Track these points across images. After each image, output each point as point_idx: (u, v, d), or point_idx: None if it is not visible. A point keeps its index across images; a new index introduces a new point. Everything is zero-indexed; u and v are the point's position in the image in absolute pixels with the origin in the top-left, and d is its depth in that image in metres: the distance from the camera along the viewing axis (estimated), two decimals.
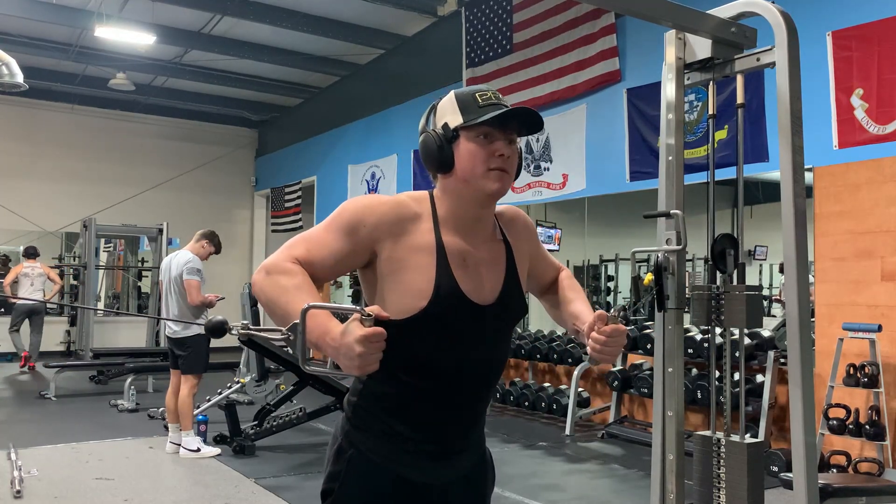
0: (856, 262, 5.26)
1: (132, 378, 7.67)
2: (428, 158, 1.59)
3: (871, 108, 5.20)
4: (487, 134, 1.54)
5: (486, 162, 1.54)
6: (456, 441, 1.63)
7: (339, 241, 1.52)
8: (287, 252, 1.49)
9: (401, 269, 1.52)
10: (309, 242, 1.52)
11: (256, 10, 9.20)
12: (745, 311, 2.45)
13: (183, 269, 5.55)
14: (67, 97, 12.57)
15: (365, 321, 1.25)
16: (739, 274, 2.56)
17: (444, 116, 1.58)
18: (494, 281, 1.62)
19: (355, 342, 1.25)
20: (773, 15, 2.35)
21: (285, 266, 1.46)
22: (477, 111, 1.54)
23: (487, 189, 1.55)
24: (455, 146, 1.55)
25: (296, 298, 1.37)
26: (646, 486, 3.12)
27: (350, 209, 1.54)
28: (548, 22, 7.81)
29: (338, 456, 1.62)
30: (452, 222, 1.58)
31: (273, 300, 1.42)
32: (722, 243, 2.58)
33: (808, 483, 2.28)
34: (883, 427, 4.85)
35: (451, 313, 1.53)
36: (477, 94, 1.57)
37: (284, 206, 13.17)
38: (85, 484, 4.83)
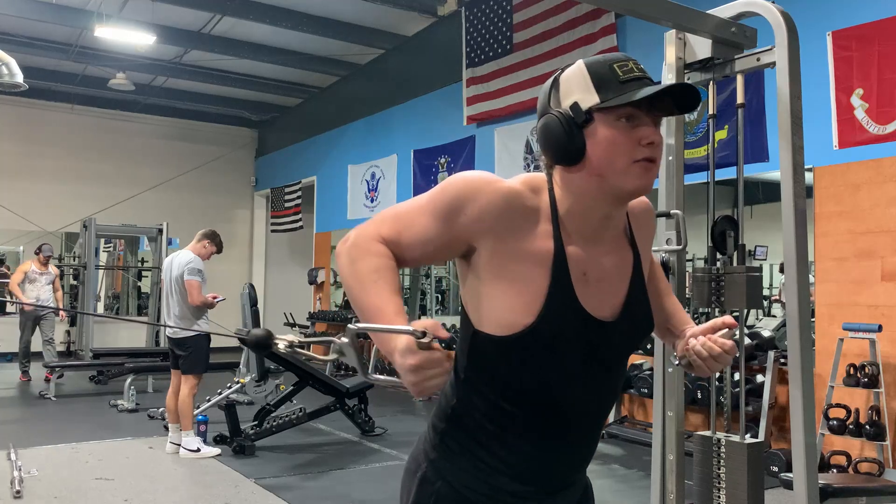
0: (856, 262, 5.26)
1: (132, 378, 7.67)
2: (551, 146, 1.27)
3: (871, 108, 5.20)
4: (631, 116, 1.23)
5: (631, 153, 1.23)
6: (563, 482, 1.40)
7: (433, 227, 1.25)
8: (375, 228, 1.27)
9: (506, 275, 1.25)
10: (399, 221, 1.27)
11: (256, 10, 9.20)
12: (745, 291, 2.45)
13: (184, 270, 5.54)
14: (67, 97, 12.56)
15: (420, 344, 1.10)
16: (739, 256, 2.56)
17: (573, 93, 1.27)
18: (617, 296, 1.34)
19: (407, 370, 1.09)
20: (774, 15, 2.35)
21: (370, 245, 1.24)
22: (618, 87, 1.23)
23: (629, 186, 1.25)
24: (588, 132, 1.24)
25: (369, 291, 1.19)
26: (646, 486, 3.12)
27: (453, 190, 1.26)
28: (548, 22, 7.81)
29: (423, 486, 1.37)
30: (575, 224, 1.29)
31: (348, 284, 1.24)
32: (722, 225, 2.59)
33: (808, 483, 2.28)
34: (883, 427, 4.85)
35: (567, 331, 1.27)
36: (615, 64, 1.26)
37: (284, 206, 13.17)
38: (85, 484, 4.82)
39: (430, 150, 9.68)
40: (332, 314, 11.57)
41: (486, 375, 1.31)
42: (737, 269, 2.51)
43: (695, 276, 2.60)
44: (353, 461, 5.58)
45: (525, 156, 8.08)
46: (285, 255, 14.30)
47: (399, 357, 1.10)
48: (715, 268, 2.55)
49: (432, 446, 1.39)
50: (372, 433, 6.39)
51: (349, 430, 6.48)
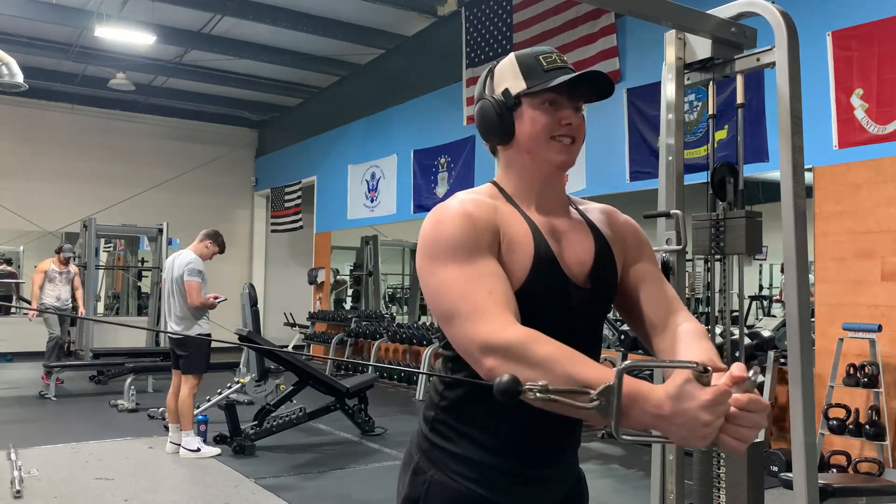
0: (856, 262, 5.26)
1: (132, 378, 7.67)
2: (486, 128, 1.44)
3: (871, 108, 5.20)
4: (553, 101, 1.37)
5: (551, 130, 1.37)
6: (553, 462, 1.42)
7: (489, 260, 1.28)
8: (488, 316, 1.19)
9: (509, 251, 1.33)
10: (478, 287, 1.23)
11: (256, 10, 9.20)
12: (744, 236, 2.46)
13: (184, 270, 5.54)
14: (67, 97, 12.57)
15: (703, 378, 1.00)
16: (739, 201, 2.56)
17: (504, 81, 1.42)
18: (585, 254, 1.42)
19: (700, 409, 0.99)
20: (773, 15, 2.35)
21: (519, 333, 1.16)
22: (542, 76, 1.37)
23: (553, 160, 1.38)
24: (517, 114, 1.39)
25: (577, 366, 1.10)
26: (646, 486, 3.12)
27: (450, 228, 1.29)
28: (548, 22, 7.82)
29: (415, 478, 1.41)
30: (525, 196, 1.42)
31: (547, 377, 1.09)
32: (721, 171, 2.59)
33: (808, 483, 2.28)
34: (883, 427, 4.85)
35: (550, 293, 1.34)
36: (540, 56, 1.41)
37: (284, 206, 13.17)
38: (85, 484, 4.83)
39: (430, 150, 9.68)
40: (331, 314, 11.57)
41: None
42: (737, 213, 2.52)
43: (694, 223, 2.61)
44: (353, 461, 5.58)
45: None
46: (285, 255, 14.31)
47: (677, 402, 1.01)
48: (715, 213, 2.56)
49: (423, 437, 1.43)
50: (372, 433, 6.39)
51: (349, 429, 6.48)
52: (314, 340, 11.49)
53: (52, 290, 9.25)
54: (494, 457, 1.36)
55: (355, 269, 12.21)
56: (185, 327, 5.56)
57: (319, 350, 11.61)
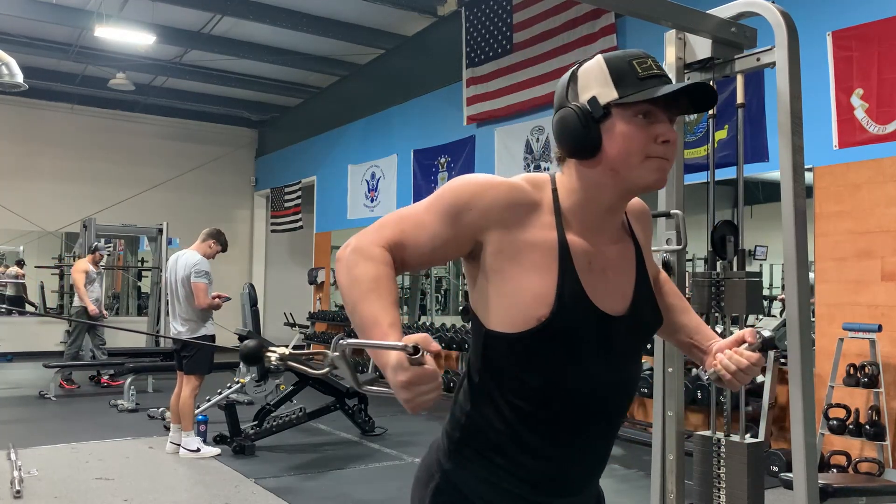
0: (856, 262, 5.26)
1: (132, 378, 7.67)
2: (567, 139, 1.28)
3: (871, 108, 5.20)
4: (648, 113, 1.24)
5: (646, 149, 1.24)
6: (578, 489, 1.38)
7: (439, 226, 1.25)
8: (378, 233, 1.25)
9: (512, 268, 1.25)
10: (404, 222, 1.26)
11: (256, 10, 9.20)
12: (745, 297, 2.46)
13: (191, 271, 5.51)
14: (67, 97, 12.57)
15: (412, 360, 1.07)
16: (739, 261, 2.56)
17: (591, 88, 1.27)
18: (624, 288, 1.34)
19: (399, 387, 1.07)
20: (774, 15, 2.35)
21: (371, 251, 1.21)
22: (636, 84, 1.24)
23: (643, 181, 1.26)
24: (604, 127, 1.25)
25: (365, 301, 1.17)
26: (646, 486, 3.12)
27: (455, 189, 1.27)
28: (548, 22, 7.82)
29: (436, 497, 1.35)
30: (579, 218, 1.30)
31: (344, 290, 1.21)
32: (722, 230, 2.59)
33: (808, 483, 2.28)
34: (883, 427, 4.85)
35: (580, 325, 1.26)
36: (634, 61, 1.27)
37: (284, 206, 13.17)
38: (85, 484, 4.82)
39: (430, 150, 9.68)
40: (332, 314, 11.57)
41: (500, 375, 1.29)
42: (736, 274, 2.51)
43: (695, 281, 2.60)
44: (353, 461, 5.58)
45: (525, 156, 8.08)
46: (285, 255, 14.31)
47: (391, 373, 1.08)
48: (715, 273, 2.56)
49: (447, 455, 1.36)
50: (372, 433, 6.39)
51: (349, 430, 6.48)
52: (314, 340, 11.48)
53: (92, 291, 8.99)
54: (519, 485, 1.32)
55: None
56: (191, 329, 5.55)
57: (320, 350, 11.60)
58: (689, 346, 1.52)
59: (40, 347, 11.61)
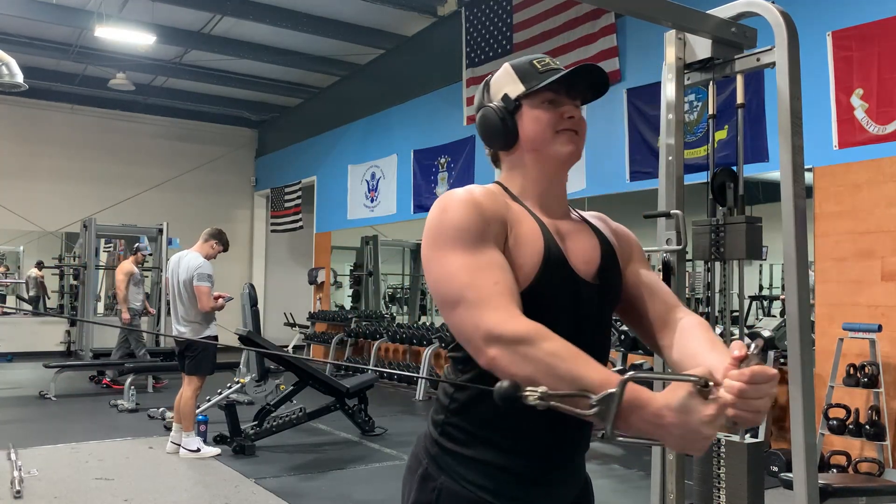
0: (856, 262, 5.26)
1: (132, 378, 7.67)
2: (490, 134, 1.45)
3: (871, 108, 5.20)
4: (553, 100, 1.40)
5: (555, 125, 1.39)
6: (564, 462, 1.41)
7: (488, 256, 1.26)
8: (493, 306, 1.19)
9: (517, 246, 1.33)
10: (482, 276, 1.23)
11: (256, 10, 9.20)
12: (744, 241, 2.47)
13: (194, 274, 5.50)
14: (67, 97, 12.58)
15: (703, 392, 1.01)
16: (739, 207, 2.57)
17: (503, 88, 1.44)
18: (591, 255, 1.42)
19: (702, 424, 1.01)
20: (773, 15, 2.35)
21: (526, 327, 1.16)
22: (538, 77, 1.40)
23: (560, 153, 1.40)
24: (518, 117, 1.41)
25: (581, 366, 1.11)
26: (646, 486, 3.12)
27: (458, 216, 1.29)
28: (548, 22, 7.82)
29: (424, 483, 1.38)
30: (530, 198, 1.42)
31: (544, 375, 1.11)
32: (721, 177, 2.60)
33: (808, 483, 2.28)
34: (883, 427, 4.85)
35: (561, 291, 1.34)
36: (534, 60, 1.44)
37: (284, 206, 13.17)
38: (85, 484, 4.82)
39: (430, 151, 9.68)
40: (332, 314, 11.57)
41: None
42: (737, 219, 2.52)
43: (694, 229, 2.61)
44: (353, 461, 5.58)
45: None
46: (285, 255, 14.31)
47: (679, 414, 1.03)
48: (714, 219, 2.57)
49: (433, 441, 1.40)
50: (372, 433, 6.39)
51: (349, 430, 6.48)
52: (314, 340, 11.49)
53: (138, 293, 8.85)
54: (507, 458, 1.34)
55: (355, 270, 12.22)
56: (194, 330, 5.54)
57: (319, 350, 11.61)
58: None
59: (40, 347, 11.63)
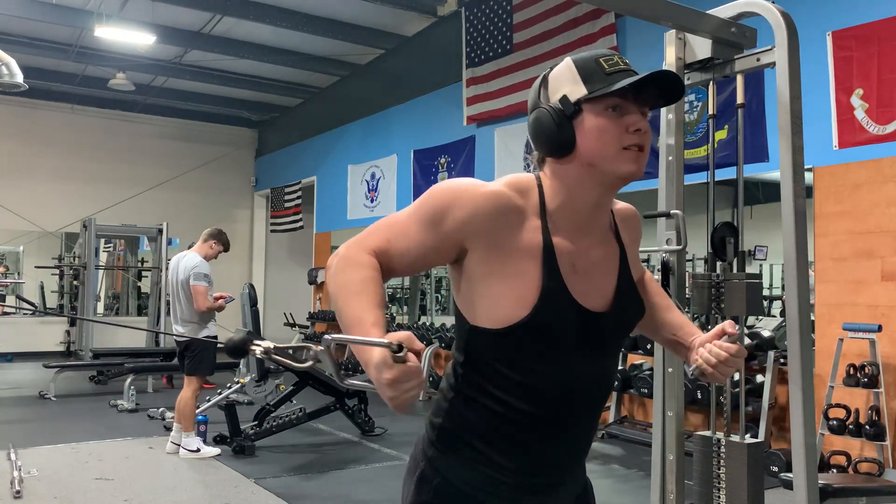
0: (856, 262, 5.26)
1: (132, 378, 7.67)
2: (542, 139, 1.33)
3: (871, 108, 5.20)
4: (617, 106, 1.28)
5: (620, 139, 1.28)
6: (562, 471, 1.40)
7: (421, 234, 1.28)
8: (365, 240, 1.29)
9: (497, 273, 1.28)
10: (391, 230, 1.30)
11: (256, 10, 9.20)
12: (745, 298, 2.46)
13: (190, 274, 5.51)
14: (67, 97, 12.57)
15: (396, 357, 1.09)
16: (739, 262, 2.56)
17: (562, 88, 1.31)
18: (607, 285, 1.38)
19: (384, 385, 1.08)
20: (773, 15, 2.35)
21: (358, 257, 1.26)
22: (604, 79, 1.28)
23: (621, 172, 1.29)
24: (577, 123, 1.29)
25: (350, 302, 1.20)
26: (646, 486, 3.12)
27: (436, 196, 1.29)
28: (548, 22, 7.81)
29: (421, 484, 1.38)
30: (565, 218, 1.33)
31: (332, 293, 1.25)
32: (722, 231, 2.59)
33: (808, 483, 2.28)
34: (883, 427, 4.84)
35: (560, 322, 1.30)
36: (601, 59, 1.31)
37: (284, 206, 13.16)
38: (85, 484, 4.82)
39: (430, 150, 9.68)
40: (332, 314, 11.56)
41: (483, 368, 1.32)
42: (736, 275, 2.51)
43: (695, 283, 2.61)
44: (353, 461, 5.58)
45: (525, 156, 8.08)
46: (285, 255, 14.30)
47: (374, 371, 1.09)
48: (715, 274, 2.56)
49: (430, 443, 1.39)
50: (372, 433, 6.39)
51: (349, 430, 6.48)
52: (314, 341, 11.47)
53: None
54: (503, 466, 1.34)
55: None
56: (192, 331, 5.54)
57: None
58: (672, 342, 1.55)
59: (40, 347, 11.62)
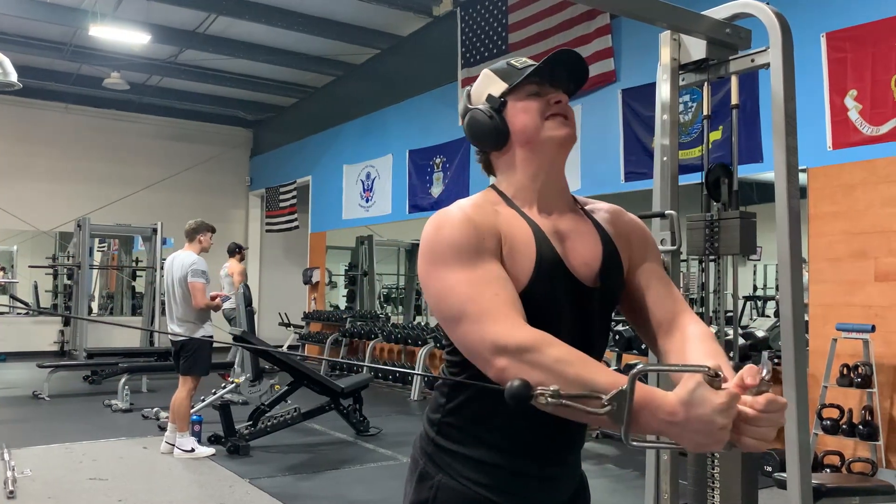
0: (850, 262, 5.28)
1: (126, 378, 7.65)
2: (480, 135, 1.44)
3: (864, 109, 5.22)
4: (537, 92, 1.40)
5: (544, 111, 1.39)
6: (559, 460, 1.41)
7: (492, 263, 1.27)
8: (496, 319, 1.19)
9: (511, 254, 1.31)
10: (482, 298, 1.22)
11: (252, 9, 9.19)
12: (738, 236, 2.48)
13: (188, 271, 5.49)
14: (62, 96, 12.54)
15: (715, 382, 1.01)
16: (734, 202, 2.58)
17: (485, 91, 1.44)
18: (591, 254, 1.40)
19: (715, 413, 0.99)
20: (768, 16, 2.35)
21: (530, 335, 1.16)
22: (518, 73, 1.41)
23: (555, 137, 1.38)
24: (506, 114, 1.41)
25: (590, 370, 1.11)
26: (640, 485, 3.13)
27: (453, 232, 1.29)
28: (543, 22, 7.82)
29: (421, 482, 1.38)
30: (527, 198, 1.40)
31: (554, 380, 1.10)
32: (716, 172, 2.61)
33: (801, 483, 2.29)
34: (876, 427, 4.86)
35: (557, 293, 1.32)
36: (511, 61, 1.45)
37: (279, 206, 13.15)
38: (79, 484, 4.81)
39: (425, 150, 9.68)
40: (327, 314, 11.56)
41: None
42: (731, 214, 2.54)
43: (689, 223, 2.63)
44: (347, 461, 5.58)
45: None
46: (280, 255, 14.29)
47: (690, 408, 1.01)
48: (709, 214, 2.57)
49: (429, 440, 1.40)
50: (367, 433, 6.38)
51: (344, 430, 6.48)
52: (309, 340, 11.47)
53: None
54: (502, 456, 1.35)
55: (350, 269, 12.21)
56: (189, 330, 5.53)
57: (314, 350, 11.59)
58: None
59: (34, 347, 11.59)
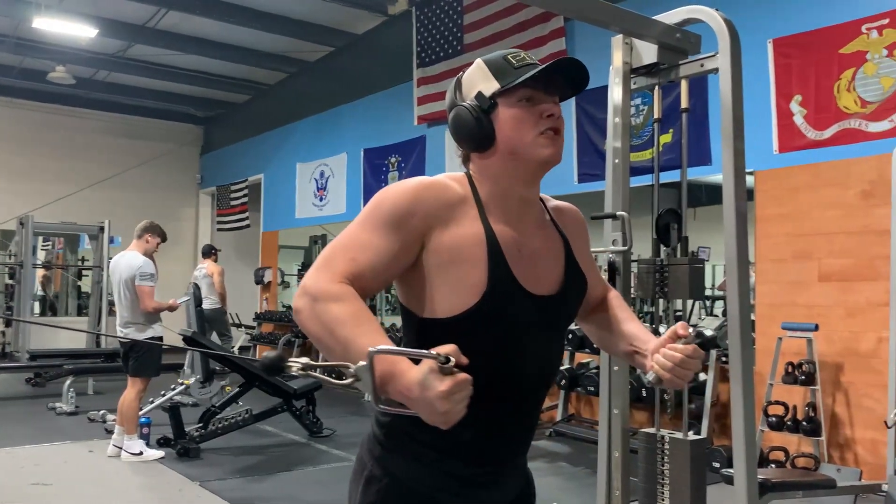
0: (795, 263, 5.42)
1: (71, 380, 7.45)
2: (464, 135, 1.38)
3: (809, 113, 5.36)
4: (530, 98, 1.34)
5: (535, 126, 1.33)
6: (507, 461, 1.41)
7: (387, 240, 1.27)
8: (329, 269, 1.24)
9: (450, 261, 1.29)
10: (351, 250, 1.26)
11: (204, 4, 9.03)
12: (688, 282, 2.51)
13: (136, 274, 5.37)
14: (4, 90, 12.16)
15: (444, 369, 1.05)
16: (683, 248, 2.62)
17: (476, 86, 1.38)
18: (553, 270, 1.41)
19: (438, 398, 1.04)
20: (717, 22, 2.40)
21: (333, 290, 1.20)
22: (514, 73, 1.34)
23: (541, 156, 1.34)
24: (494, 117, 1.34)
25: (356, 333, 1.15)
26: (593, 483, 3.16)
27: (392, 199, 1.29)
28: (498, 24, 7.86)
29: (368, 486, 1.37)
30: (499, 207, 1.36)
31: (326, 335, 1.18)
32: (666, 218, 2.64)
33: (748, 478, 2.34)
34: (819, 423, 5.00)
35: (510, 308, 1.32)
36: (509, 56, 1.38)
37: (230, 205, 12.97)
38: (21, 490, 4.67)
39: (380, 150, 9.64)
40: (279, 314, 11.42)
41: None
42: (680, 260, 2.57)
43: (639, 268, 2.65)
44: (300, 463, 5.52)
45: None
46: (231, 255, 14.05)
47: (419, 388, 1.06)
48: (659, 259, 2.61)
49: (377, 442, 1.39)
50: (320, 435, 6.33)
51: (297, 431, 6.41)
52: (261, 341, 11.33)
53: None
54: (443, 457, 1.35)
55: (303, 269, 12.10)
56: (137, 331, 5.42)
57: (266, 351, 11.44)
58: (630, 353, 1.53)
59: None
